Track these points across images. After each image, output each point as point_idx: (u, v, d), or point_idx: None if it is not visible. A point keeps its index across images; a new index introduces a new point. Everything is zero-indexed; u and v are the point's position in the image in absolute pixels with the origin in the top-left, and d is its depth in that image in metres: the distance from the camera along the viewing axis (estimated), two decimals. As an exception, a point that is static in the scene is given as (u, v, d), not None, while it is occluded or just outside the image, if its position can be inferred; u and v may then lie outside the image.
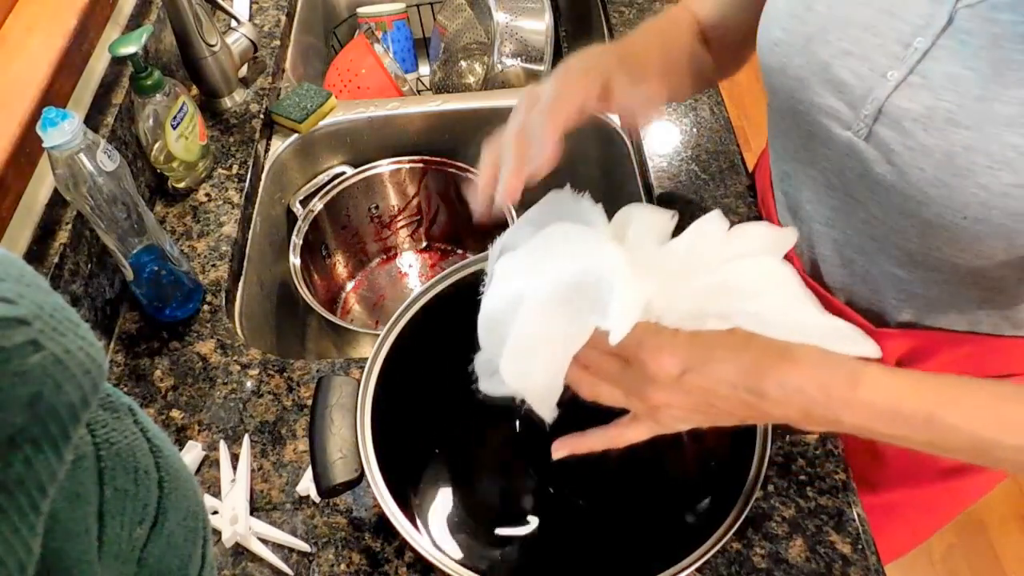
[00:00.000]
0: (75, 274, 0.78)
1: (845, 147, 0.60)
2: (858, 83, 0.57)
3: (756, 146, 2.37)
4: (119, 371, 0.80)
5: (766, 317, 0.48)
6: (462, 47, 1.30)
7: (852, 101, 0.57)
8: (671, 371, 0.46)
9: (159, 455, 0.32)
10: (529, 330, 0.47)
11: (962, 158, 0.51)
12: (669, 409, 0.49)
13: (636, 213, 0.52)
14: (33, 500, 0.22)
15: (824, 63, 0.59)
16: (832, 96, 0.59)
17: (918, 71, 0.53)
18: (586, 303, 0.45)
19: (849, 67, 0.57)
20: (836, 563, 0.64)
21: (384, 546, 0.66)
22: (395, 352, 0.63)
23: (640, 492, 0.69)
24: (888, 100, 0.55)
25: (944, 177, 0.53)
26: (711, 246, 0.50)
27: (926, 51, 0.53)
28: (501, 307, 0.49)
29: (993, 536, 1.60)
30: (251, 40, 1.06)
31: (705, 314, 0.47)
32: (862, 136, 0.58)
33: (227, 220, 0.92)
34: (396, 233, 1.16)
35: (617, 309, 0.43)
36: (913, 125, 0.54)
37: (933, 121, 0.53)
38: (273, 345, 0.98)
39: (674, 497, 0.67)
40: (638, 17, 1.15)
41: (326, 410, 0.59)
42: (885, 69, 0.55)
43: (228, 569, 0.66)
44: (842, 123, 0.59)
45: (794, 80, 0.61)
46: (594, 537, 0.67)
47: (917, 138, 0.53)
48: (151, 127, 0.88)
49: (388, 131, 1.08)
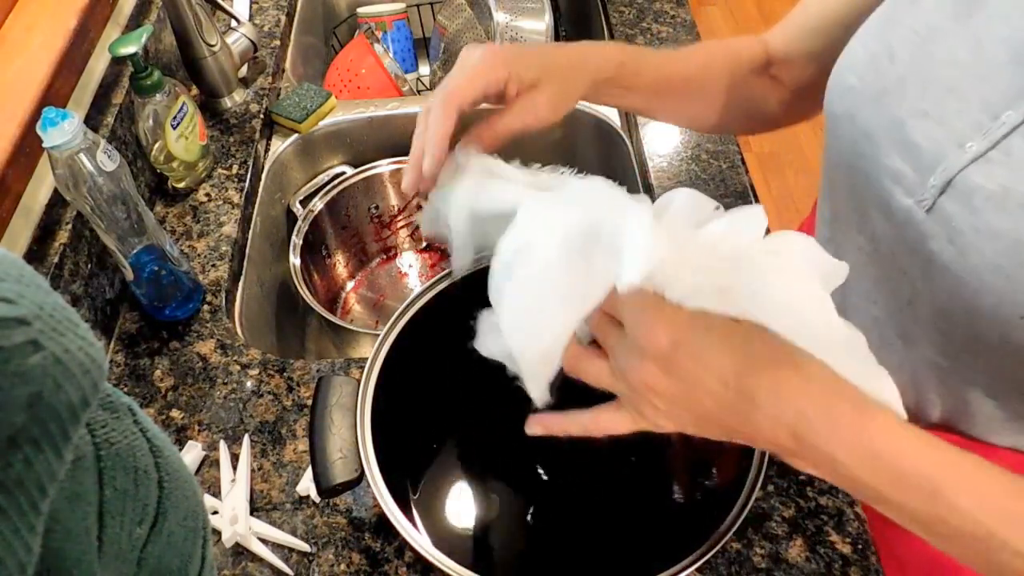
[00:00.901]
0: (75, 274, 0.78)
1: (903, 216, 0.54)
2: (931, 148, 0.51)
3: (756, 147, 2.37)
4: (119, 371, 0.80)
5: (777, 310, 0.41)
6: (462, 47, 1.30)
7: (920, 167, 0.52)
8: (661, 343, 0.42)
9: (159, 455, 0.32)
10: (538, 279, 0.43)
11: None
12: (652, 395, 0.44)
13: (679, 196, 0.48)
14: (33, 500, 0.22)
15: (898, 121, 0.53)
16: (899, 158, 0.53)
17: (1001, 147, 0.48)
18: (603, 256, 0.41)
19: (924, 130, 0.52)
20: (836, 563, 0.64)
21: (384, 546, 0.66)
22: (395, 352, 0.63)
23: (640, 492, 0.69)
24: (961, 173, 0.49)
25: (1008, 266, 0.47)
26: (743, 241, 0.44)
27: (1016, 126, 0.47)
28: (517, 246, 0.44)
29: None
30: (251, 40, 1.06)
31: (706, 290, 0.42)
32: (925, 207, 0.52)
33: (227, 220, 0.92)
34: (396, 233, 1.16)
35: (631, 256, 0.39)
36: (984, 203, 0.48)
37: (1008, 203, 0.47)
38: (273, 345, 0.98)
39: (674, 497, 0.67)
40: (638, 17, 1.15)
41: (326, 410, 0.59)
42: (964, 139, 0.49)
43: (228, 569, 0.66)
44: (905, 189, 0.53)
45: (861, 133, 0.56)
46: (594, 537, 0.67)
47: (986, 218, 0.48)
48: (151, 127, 0.88)
49: (388, 131, 1.08)
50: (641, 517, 0.67)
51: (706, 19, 2.80)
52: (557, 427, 0.49)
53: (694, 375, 0.42)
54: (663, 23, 1.14)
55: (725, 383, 0.42)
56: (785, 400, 0.41)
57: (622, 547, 0.66)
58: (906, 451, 0.41)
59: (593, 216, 0.42)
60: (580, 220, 0.42)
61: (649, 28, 1.14)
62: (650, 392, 0.44)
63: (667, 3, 1.17)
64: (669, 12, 1.16)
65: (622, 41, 1.12)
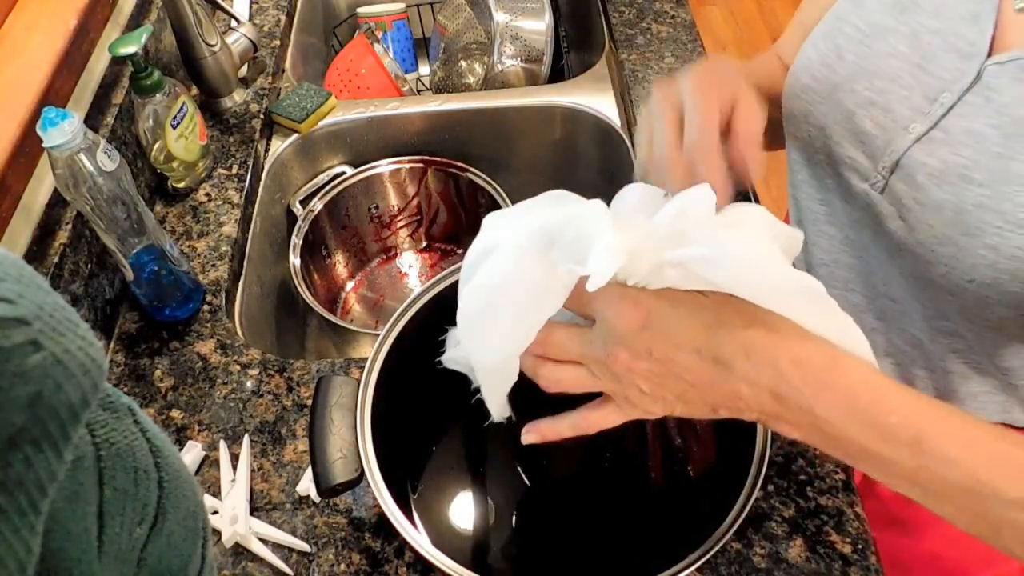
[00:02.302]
0: (75, 274, 0.78)
1: (862, 200, 0.58)
2: (880, 134, 0.55)
3: (756, 146, 2.36)
4: (119, 371, 0.80)
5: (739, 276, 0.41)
6: (462, 47, 1.30)
7: (872, 152, 0.56)
8: (632, 322, 0.42)
9: (159, 455, 0.32)
10: (495, 280, 0.42)
11: (972, 216, 0.49)
12: (634, 377, 0.43)
13: (628, 191, 0.49)
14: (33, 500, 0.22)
15: (848, 112, 0.57)
16: (852, 147, 0.57)
17: (941, 126, 0.52)
18: (563, 253, 0.41)
19: (872, 117, 0.56)
20: (836, 563, 0.64)
21: (384, 546, 0.66)
22: (395, 352, 0.63)
23: (640, 492, 0.69)
24: (907, 153, 0.53)
25: (952, 235, 0.50)
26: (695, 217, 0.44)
27: (951, 106, 0.51)
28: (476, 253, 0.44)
29: None
30: (251, 40, 1.06)
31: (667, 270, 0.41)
32: (878, 189, 0.56)
33: (227, 220, 0.92)
34: (396, 233, 1.16)
35: (598, 253, 0.39)
36: (927, 179, 0.52)
37: (947, 176, 0.51)
38: (273, 345, 0.98)
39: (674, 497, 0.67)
40: (638, 17, 1.15)
41: (326, 410, 0.59)
42: (908, 122, 0.54)
43: (228, 569, 0.66)
44: (860, 175, 0.58)
45: (816, 128, 0.60)
46: (594, 537, 0.67)
47: (929, 193, 0.52)
48: (151, 127, 0.88)
49: (388, 131, 1.08)
50: (641, 517, 0.67)
51: (706, 19, 2.80)
52: (550, 432, 0.49)
53: (669, 352, 0.42)
54: (663, 23, 1.14)
55: (699, 354, 0.42)
56: (759, 361, 0.41)
57: (622, 547, 0.66)
58: (887, 402, 0.40)
59: (547, 221, 0.42)
60: (534, 226, 0.42)
61: (649, 28, 1.14)
62: (631, 376, 0.44)
63: (667, 3, 1.17)
64: (669, 12, 1.16)
65: (622, 41, 1.12)
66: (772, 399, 0.42)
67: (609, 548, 0.66)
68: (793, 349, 0.41)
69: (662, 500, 0.68)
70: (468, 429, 0.72)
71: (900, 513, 0.73)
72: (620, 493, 0.70)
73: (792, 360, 0.41)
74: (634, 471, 0.70)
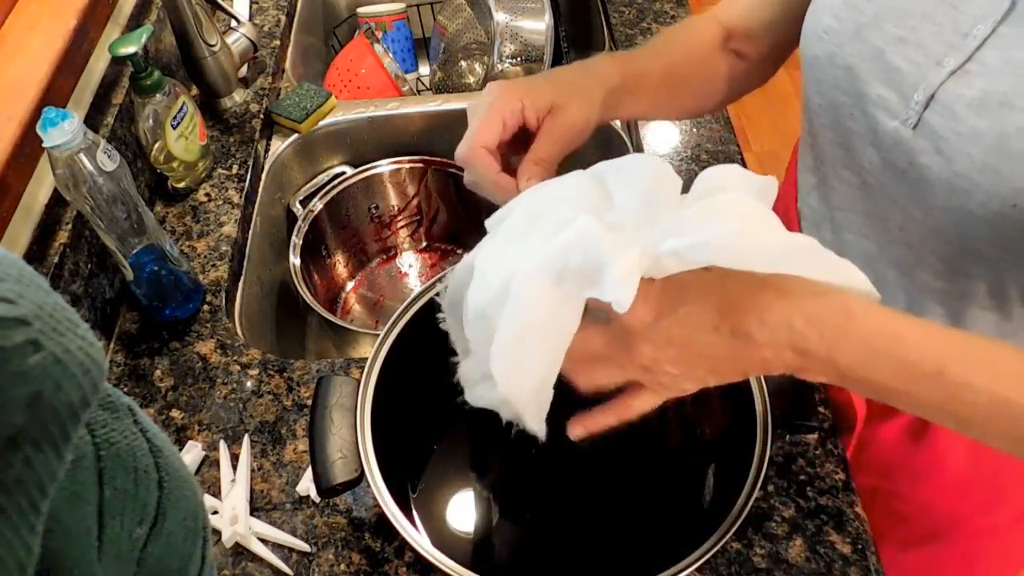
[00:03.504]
0: (75, 274, 0.78)
1: (891, 139, 0.58)
2: (912, 70, 0.55)
3: (756, 146, 2.37)
4: (119, 371, 0.80)
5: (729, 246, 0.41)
6: (462, 47, 1.30)
7: (903, 89, 0.56)
8: (646, 317, 0.43)
9: (159, 455, 0.32)
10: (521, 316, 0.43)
11: (1015, 141, 0.50)
12: (661, 365, 0.45)
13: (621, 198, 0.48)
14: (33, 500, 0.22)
15: (877, 50, 0.57)
16: (882, 85, 0.57)
17: (976, 58, 0.52)
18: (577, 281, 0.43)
19: (903, 54, 0.56)
20: (836, 563, 0.64)
21: (384, 546, 0.66)
22: (395, 352, 0.63)
23: (640, 492, 0.69)
24: (942, 87, 0.53)
25: (994, 162, 0.51)
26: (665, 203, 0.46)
27: (985, 39, 0.52)
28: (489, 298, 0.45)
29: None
30: (251, 40, 1.06)
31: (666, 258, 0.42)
32: (911, 124, 0.56)
33: (227, 220, 0.92)
34: (396, 233, 1.16)
35: (615, 282, 0.40)
36: (966, 110, 0.52)
37: (987, 104, 0.51)
38: (273, 345, 0.98)
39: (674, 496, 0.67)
40: (638, 17, 1.15)
41: (326, 410, 0.59)
42: (941, 56, 0.54)
43: (228, 569, 0.66)
44: (890, 112, 0.57)
45: (842, 69, 0.60)
46: (594, 537, 0.67)
47: (968, 122, 0.52)
48: (151, 127, 0.88)
49: (388, 131, 1.08)
50: (641, 517, 0.67)
51: (706, 19, 2.79)
52: (595, 424, 0.51)
53: (688, 335, 0.44)
54: (663, 23, 1.14)
55: (717, 330, 0.43)
56: (775, 324, 0.42)
57: (622, 547, 0.66)
58: (905, 340, 0.42)
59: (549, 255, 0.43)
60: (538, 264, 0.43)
61: (649, 28, 1.14)
62: (659, 364, 0.45)
63: (667, 3, 1.17)
64: (669, 12, 1.16)
65: (622, 41, 1.12)
66: (795, 355, 0.43)
67: (609, 548, 0.66)
68: (804, 306, 0.42)
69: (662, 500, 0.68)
70: (468, 429, 0.72)
71: (898, 463, 0.74)
72: (621, 493, 0.70)
73: (805, 317, 0.42)
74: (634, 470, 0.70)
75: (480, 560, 0.66)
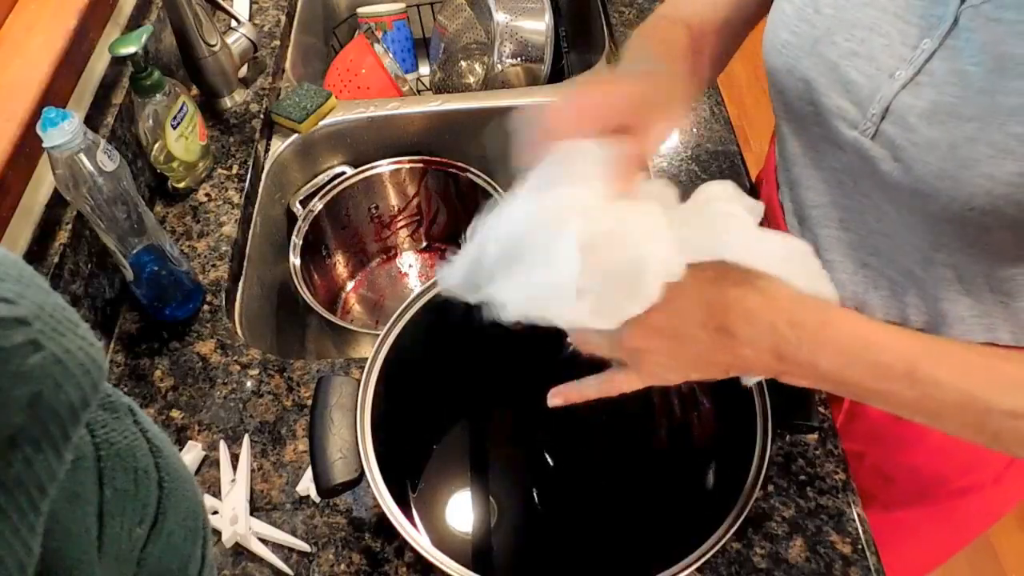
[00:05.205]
0: (75, 274, 0.78)
1: (852, 147, 0.60)
2: (866, 83, 0.57)
3: (756, 146, 2.37)
4: (119, 371, 0.80)
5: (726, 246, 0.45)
6: (462, 47, 1.30)
7: (860, 101, 0.58)
8: None
9: (159, 455, 0.32)
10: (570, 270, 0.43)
11: (966, 149, 0.52)
12: (648, 355, 0.48)
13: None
14: (33, 500, 0.22)
15: (832, 63, 0.59)
16: (840, 96, 0.60)
17: (925, 70, 0.54)
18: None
19: (857, 67, 0.58)
20: (836, 563, 0.64)
21: (384, 546, 0.66)
22: (395, 352, 0.63)
23: (640, 492, 0.69)
24: (895, 99, 0.55)
25: (949, 169, 0.53)
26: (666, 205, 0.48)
27: (933, 52, 0.54)
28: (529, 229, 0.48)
29: (993, 535, 1.60)
30: (251, 40, 1.06)
31: None
32: (869, 135, 0.58)
33: (227, 220, 0.92)
34: (396, 233, 1.16)
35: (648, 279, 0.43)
36: (919, 121, 0.54)
37: (937, 115, 0.53)
38: (273, 345, 0.98)
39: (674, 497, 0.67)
40: (638, 17, 1.15)
41: (326, 410, 0.59)
42: (892, 69, 0.56)
43: (228, 569, 0.66)
44: (849, 123, 0.60)
45: (801, 82, 0.62)
46: (594, 537, 0.67)
47: (922, 132, 0.54)
48: (151, 127, 0.88)
49: (388, 131, 1.08)
50: (641, 517, 0.67)
51: (706, 19, 2.80)
52: (575, 395, 0.53)
53: (674, 327, 0.46)
54: (663, 23, 1.14)
55: (704, 326, 0.46)
56: (758, 326, 0.45)
57: (622, 547, 0.66)
58: (878, 344, 0.45)
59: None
60: None
61: (649, 28, 1.13)
62: (644, 353, 0.48)
63: (667, 3, 1.17)
64: (669, 12, 1.16)
65: (622, 41, 1.12)
66: (775, 358, 0.46)
67: (609, 548, 0.66)
68: (787, 310, 0.45)
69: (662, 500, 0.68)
70: (468, 429, 0.73)
71: (885, 431, 0.76)
72: (620, 493, 0.70)
73: (788, 322, 0.45)
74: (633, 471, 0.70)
75: (480, 560, 0.66)
